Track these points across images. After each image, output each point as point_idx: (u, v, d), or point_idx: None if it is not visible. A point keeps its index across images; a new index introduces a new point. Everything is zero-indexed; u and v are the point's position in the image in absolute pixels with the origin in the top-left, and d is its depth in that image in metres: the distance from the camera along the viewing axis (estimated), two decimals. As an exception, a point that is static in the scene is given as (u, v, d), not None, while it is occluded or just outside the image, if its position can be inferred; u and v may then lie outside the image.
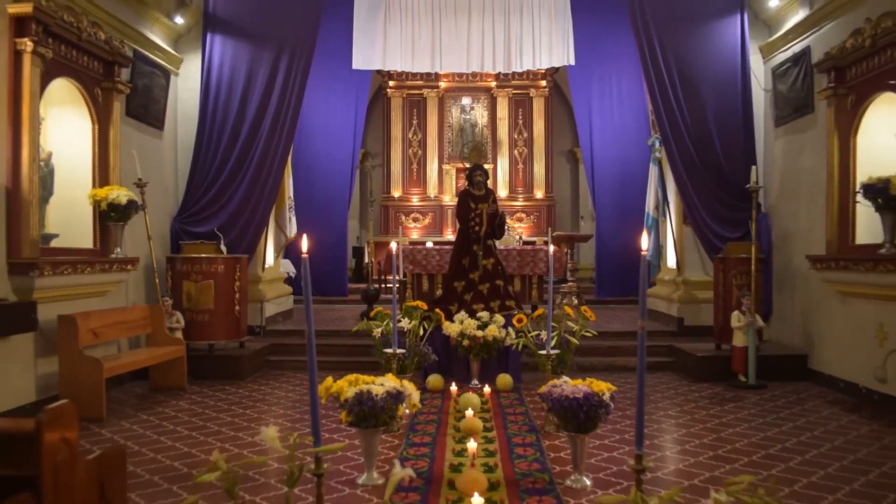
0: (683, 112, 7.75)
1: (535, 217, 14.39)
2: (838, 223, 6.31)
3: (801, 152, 7.28)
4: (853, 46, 6.02)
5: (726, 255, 7.31)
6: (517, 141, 14.73)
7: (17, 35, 5.24)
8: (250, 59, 7.89)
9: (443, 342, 6.55)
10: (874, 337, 5.84)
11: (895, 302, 5.58)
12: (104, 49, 6.19)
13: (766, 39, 8.00)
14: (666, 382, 6.99)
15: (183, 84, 8.18)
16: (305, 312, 2.41)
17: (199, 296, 7.05)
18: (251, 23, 7.95)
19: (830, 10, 6.68)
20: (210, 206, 7.74)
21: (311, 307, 2.44)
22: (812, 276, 6.85)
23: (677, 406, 5.98)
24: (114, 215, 6.23)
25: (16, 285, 5.23)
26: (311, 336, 2.37)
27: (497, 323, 6.44)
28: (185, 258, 7.15)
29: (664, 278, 9.21)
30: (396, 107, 14.55)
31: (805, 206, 7.14)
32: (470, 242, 7.19)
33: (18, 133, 5.23)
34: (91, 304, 6.12)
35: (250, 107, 7.81)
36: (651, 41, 7.86)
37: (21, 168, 5.23)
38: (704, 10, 7.88)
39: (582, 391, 3.74)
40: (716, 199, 7.66)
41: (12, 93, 5.23)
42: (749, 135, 7.77)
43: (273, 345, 7.84)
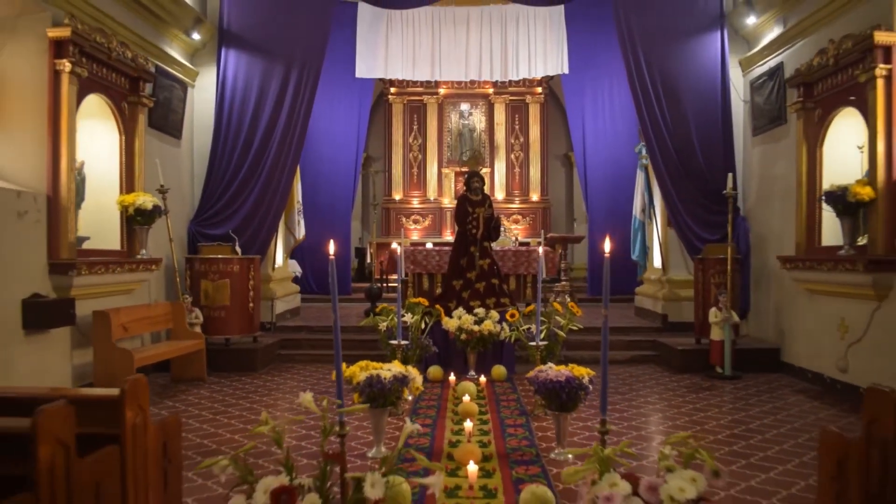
0: (667, 122, 8.29)
1: (530, 219, 14.93)
2: (806, 227, 6.87)
3: (775, 160, 7.82)
4: (819, 64, 6.57)
5: (705, 256, 7.86)
6: (514, 145, 15.28)
7: (56, 56, 5.78)
8: (262, 73, 8.43)
9: (442, 336, 7.09)
10: (837, 331, 6.40)
11: (854, 298, 6.12)
12: (131, 66, 6.73)
13: (745, 54, 8.54)
14: (649, 374, 7.53)
15: (199, 95, 8.71)
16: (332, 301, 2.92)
17: (216, 294, 7.60)
18: (263, 38, 8.48)
19: (801, 29, 7.23)
20: (224, 210, 8.28)
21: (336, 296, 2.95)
22: (783, 276, 7.40)
23: (658, 395, 6.52)
24: (140, 219, 6.77)
25: (55, 283, 5.77)
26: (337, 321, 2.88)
27: (492, 318, 6.98)
28: (203, 259, 7.69)
29: (650, 278, 9.76)
30: (397, 112, 15.09)
31: (778, 211, 7.69)
32: (468, 244, 7.73)
33: (57, 146, 5.77)
34: (118, 301, 6.65)
35: (262, 117, 8.35)
36: (637, 55, 8.40)
37: (60, 177, 5.77)
38: (687, 26, 8.41)
39: (564, 375, 4.28)
40: (697, 203, 8.21)
41: (52, 109, 5.77)
42: (728, 143, 8.32)
43: (283, 339, 8.38)
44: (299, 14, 8.42)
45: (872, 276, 5.71)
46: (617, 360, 8.06)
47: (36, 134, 5.74)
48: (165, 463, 2.96)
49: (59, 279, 5.77)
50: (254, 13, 8.52)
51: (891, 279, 5.68)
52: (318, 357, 8.14)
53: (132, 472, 2.63)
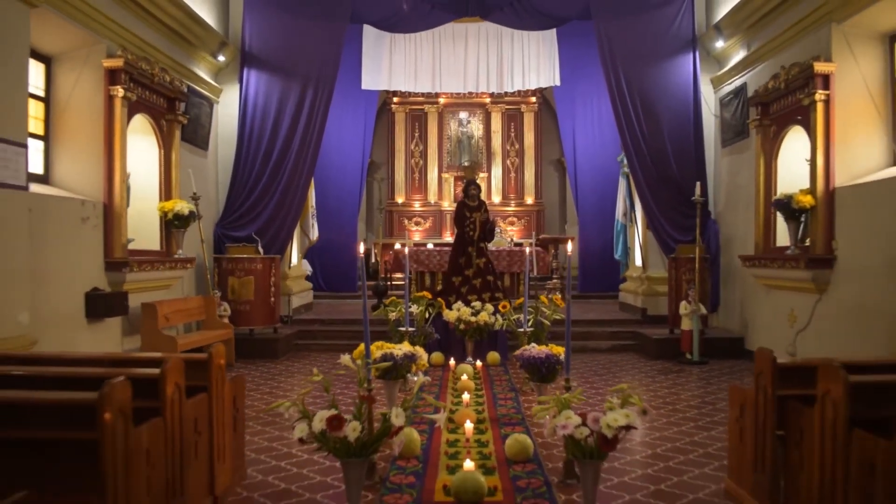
0: (645, 135, 9.22)
1: (525, 221, 15.86)
2: (763, 229, 7.81)
3: (740, 170, 8.76)
4: (773, 87, 7.51)
5: (678, 256, 8.79)
6: (509, 151, 16.20)
7: (110, 83, 6.71)
8: (280, 90, 9.35)
9: (443, 326, 8.01)
10: (787, 320, 7.34)
11: (801, 292, 7.06)
12: (169, 89, 7.66)
13: (715, 73, 9.47)
14: (628, 360, 8.47)
15: (222, 111, 9.64)
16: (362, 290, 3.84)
17: (242, 289, 8.53)
18: (281, 59, 9.39)
19: (760, 54, 8.16)
20: (247, 215, 9.20)
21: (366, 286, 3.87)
22: (746, 273, 8.34)
23: (634, 378, 7.44)
24: (177, 223, 7.70)
25: (110, 279, 6.69)
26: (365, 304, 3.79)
27: (487, 311, 7.90)
28: (230, 258, 8.63)
29: (632, 275, 10.69)
30: (400, 121, 16.02)
31: (742, 215, 8.62)
32: (465, 245, 8.66)
33: (112, 161, 6.70)
34: (158, 295, 7.58)
35: (281, 130, 9.27)
36: (617, 75, 9.32)
37: (114, 188, 6.70)
38: (662, 47, 9.33)
39: (544, 353, 5.22)
40: (671, 208, 9.13)
41: (107, 129, 6.70)
42: (700, 154, 9.25)
43: (300, 331, 9.31)
44: (313, 37, 9.33)
45: (812, 272, 6.66)
46: (600, 349, 8.99)
47: (94, 151, 6.66)
48: (234, 411, 3.90)
49: (113, 275, 6.70)
50: (272, 36, 9.43)
51: (828, 275, 6.62)
52: (330, 346, 9.05)
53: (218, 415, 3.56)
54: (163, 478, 3.02)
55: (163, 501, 3.03)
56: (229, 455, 3.79)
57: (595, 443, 3.26)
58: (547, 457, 4.43)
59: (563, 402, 3.41)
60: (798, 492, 3.24)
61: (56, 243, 5.91)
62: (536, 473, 4.06)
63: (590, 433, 3.26)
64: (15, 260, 5.05)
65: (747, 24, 8.36)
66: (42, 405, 2.82)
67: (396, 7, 9.39)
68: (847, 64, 6.58)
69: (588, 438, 3.28)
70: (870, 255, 6.04)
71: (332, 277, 13.09)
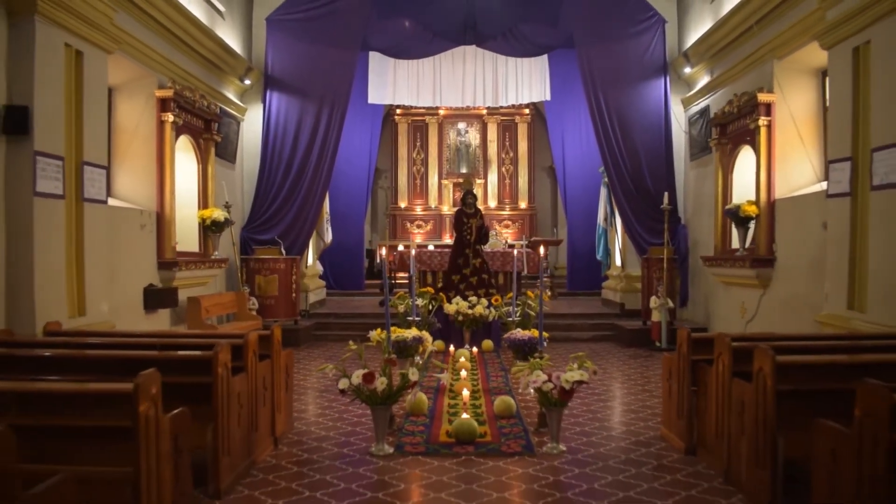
0: (621, 150, 10.41)
1: (519, 224, 17.07)
2: (721, 234, 9.01)
3: (704, 181, 9.96)
4: (728, 111, 8.71)
5: (650, 256, 9.99)
6: (504, 159, 17.41)
7: (161, 110, 7.91)
8: (299, 109, 10.54)
9: (444, 318, 9.20)
10: (739, 312, 8.55)
11: (749, 287, 8.27)
12: (206, 112, 8.86)
13: (685, 94, 10.68)
14: (606, 348, 9.67)
15: (247, 127, 10.83)
16: (383, 285, 5.04)
17: (267, 286, 9.73)
18: (300, 82, 10.58)
19: (721, 81, 9.37)
20: (270, 220, 10.39)
21: (387, 283, 5.05)
22: (707, 272, 9.55)
23: (609, 362, 8.63)
24: (213, 228, 8.89)
25: (162, 277, 7.88)
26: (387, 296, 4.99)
27: (482, 304, 9.10)
28: (257, 258, 9.83)
29: (612, 274, 11.90)
30: (403, 131, 17.22)
31: (706, 221, 9.82)
32: (463, 247, 9.86)
33: (163, 176, 7.89)
34: (197, 291, 8.75)
35: (300, 146, 10.46)
36: (597, 96, 10.51)
37: (165, 199, 7.89)
38: (638, 71, 10.52)
39: (527, 335, 6.42)
40: (645, 214, 10.33)
41: (158, 149, 7.89)
42: (670, 167, 10.45)
43: (317, 323, 10.50)
44: (328, 62, 10.51)
45: (756, 270, 7.87)
46: (582, 339, 10.20)
47: (148, 167, 7.86)
48: (286, 376, 5.10)
49: (164, 273, 7.89)
50: (292, 62, 10.61)
51: (770, 273, 7.84)
52: (344, 336, 10.13)
53: (277, 376, 4.77)
54: (246, 416, 4.23)
55: (245, 433, 4.23)
56: (284, 407, 5.00)
57: (557, 394, 4.47)
58: (526, 415, 5.63)
59: (535, 366, 4.62)
60: (704, 428, 4.46)
61: (121, 246, 7.10)
62: (517, 425, 5.27)
63: (553, 387, 4.47)
64: (99, 260, 6.24)
65: (710, 53, 9.57)
66: (174, 360, 4.02)
67: (401, 37, 10.58)
68: (786, 94, 7.79)
69: (552, 391, 4.49)
70: (800, 256, 7.25)
71: (340, 276, 14.25)
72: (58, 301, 5.63)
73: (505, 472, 4.29)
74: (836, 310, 6.11)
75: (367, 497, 3.90)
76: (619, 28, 10.40)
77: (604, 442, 4.98)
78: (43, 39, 5.49)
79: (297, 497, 3.88)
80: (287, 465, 4.45)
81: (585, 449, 4.77)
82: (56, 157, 5.63)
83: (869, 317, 5.64)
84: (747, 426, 3.84)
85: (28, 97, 5.35)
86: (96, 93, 6.30)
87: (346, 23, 10.31)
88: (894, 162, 5.38)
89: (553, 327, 10.20)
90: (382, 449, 4.58)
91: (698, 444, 4.57)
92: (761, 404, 3.64)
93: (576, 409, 5.85)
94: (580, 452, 4.68)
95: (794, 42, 7.47)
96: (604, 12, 10.32)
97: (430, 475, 4.24)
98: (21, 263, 5.32)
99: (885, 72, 5.54)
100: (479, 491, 3.97)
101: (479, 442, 4.80)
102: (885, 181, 5.47)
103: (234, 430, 4.00)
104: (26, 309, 5.33)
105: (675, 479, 4.17)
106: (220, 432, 3.79)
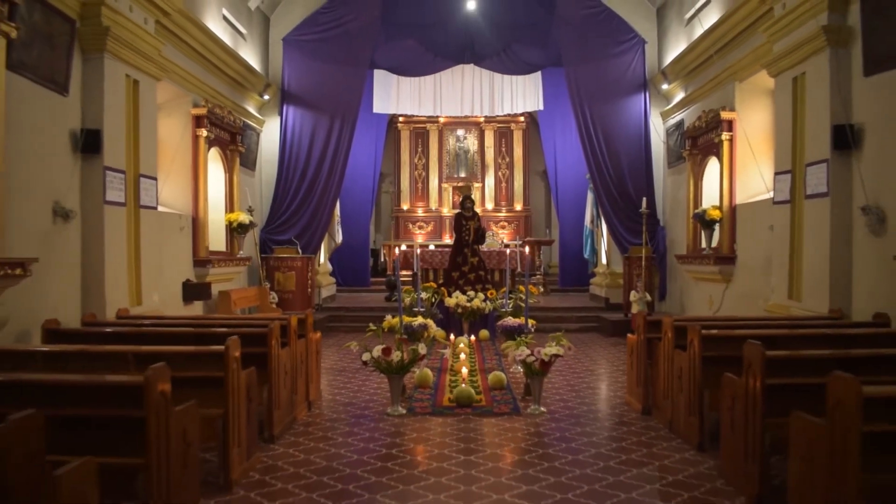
0: (605, 158, 11.49)
1: (514, 225, 18.14)
2: (692, 235, 10.09)
3: (679, 187, 11.04)
4: (698, 126, 9.79)
5: (630, 255, 11.07)
6: (501, 164, 18.48)
7: (196, 127, 8.97)
8: (313, 122, 11.61)
9: (445, 310, 10.26)
10: (707, 304, 9.63)
11: (715, 282, 9.35)
12: (232, 126, 9.92)
13: (664, 108, 11.76)
14: (591, 338, 10.75)
15: (265, 137, 11.90)
16: (395, 280, 6.10)
17: (286, 282, 10.80)
18: (314, 97, 11.65)
19: (693, 98, 10.45)
20: (287, 222, 11.47)
21: (399, 279, 6.12)
22: (681, 269, 10.63)
23: (592, 349, 9.72)
24: (239, 230, 9.95)
25: (197, 273, 8.94)
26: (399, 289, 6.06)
27: (479, 298, 10.16)
28: (276, 257, 10.90)
29: (598, 271, 12.99)
30: (405, 138, 18.29)
31: (680, 223, 10.90)
32: (462, 247, 10.93)
33: (197, 184, 8.96)
34: (224, 286, 9.81)
35: (314, 155, 11.53)
36: (584, 109, 11.59)
37: (199, 204, 8.96)
38: (620, 88, 11.60)
39: (517, 322, 7.49)
40: (626, 217, 11.41)
41: (194, 161, 8.96)
42: (649, 174, 11.53)
43: (329, 316, 11.58)
44: (339, 79, 11.58)
45: (720, 267, 8.95)
46: (570, 329, 11.22)
47: (185, 177, 8.92)
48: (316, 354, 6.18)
49: (199, 270, 8.95)
50: (306, 79, 11.68)
51: (731, 269, 8.92)
52: (354, 328, 11.30)
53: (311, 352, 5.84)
54: (289, 382, 5.30)
55: (289, 395, 5.30)
56: (315, 378, 6.07)
57: (538, 365, 5.55)
58: (514, 387, 6.71)
59: (521, 343, 5.70)
60: (656, 392, 5.54)
61: (165, 247, 8.16)
62: (507, 394, 6.36)
63: (535, 359, 5.55)
64: (150, 259, 7.30)
65: (684, 73, 10.65)
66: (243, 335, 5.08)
67: (406, 57, 11.66)
68: (744, 112, 8.87)
69: (535, 362, 5.57)
70: (755, 255, 8.33)
71: (347, 273, 15.31)
72: (121, 292, 6.70)
73: (496, 427, 5.37)
74: (780, 300, 7.19)
75: (386, 442, 4.98)
76: (603, 48, 11.49)
77: (578, 406, 6.06)
78: (110, 72, 6.55)
79: (332, 443, 4.96)
80: (320, 422, 5.53)
81: (563, 411, 5.86)
82: (119, 171, 6.70)
83: (803, 305, 6.73)
84: (684, 386, 4.92)
85: (99, 121, 6.41)
86: (149, 115, 7.37)
87: (357, 44, 11.39)
88: (822, 175, 6.47)
89: (544, 319, 11.26)
90: (397, 410, 5.66)
91: (652, 405, 5.65)
92: (692, 368, 4.72)
93: (558, 384, 6.94)
94: (558, 413, 5.77)
95: (751, 67, 8.54)
96: (589, 34, 11.41)
97: (436, 429, 5.31)
98: (94, 261, 6.38)
99: (814, 99, 6.62)
100: (476, 439, 5.04)
101: (475, 406, 5.88)
102: (815, 191, 6.56)
103: (282, 391, 5.07)
104: (98, 298, 6.39)
105: (631, 430, 5.26)
106: (273, 391, 4.86)
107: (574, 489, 4.00)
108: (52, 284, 5.89)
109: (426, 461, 4.55)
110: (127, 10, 6.73)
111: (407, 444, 4.97)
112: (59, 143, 6.12)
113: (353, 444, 4.94)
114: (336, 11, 11.54)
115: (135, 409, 3.06)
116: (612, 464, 4.48)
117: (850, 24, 6.28)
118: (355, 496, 3.92)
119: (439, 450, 4.78)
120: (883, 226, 5.77)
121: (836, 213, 6.28)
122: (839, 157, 6.26)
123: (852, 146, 6.11)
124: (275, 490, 4.01)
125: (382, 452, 4.74)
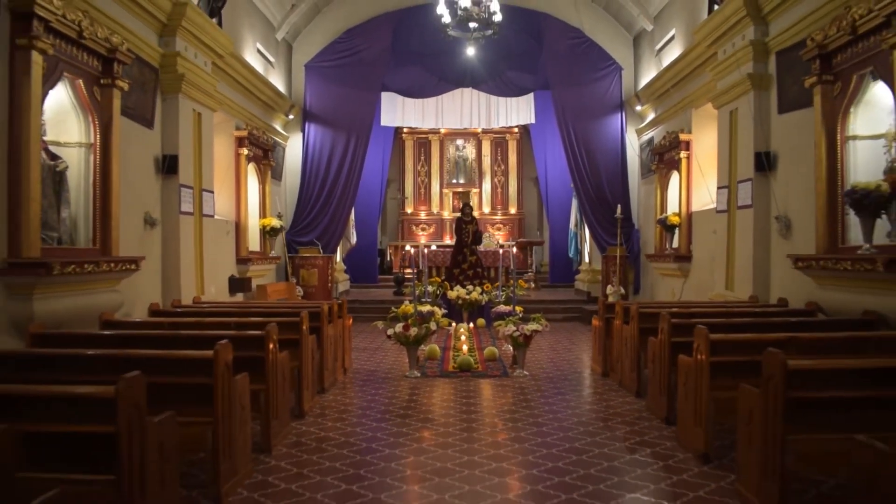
0: (587, 169, 13.17)
1: (509, 227, 19.82)
2: (659, 237, 11.79)
3: (650, 196, 12.74)
4: (663, 144, 11.49)
5: (608, 254, 12.77)
6: (496, 171, 20.17)
7: (238, 146, 10.66)
8: (332, 138, 13.29)
9: (447, 302, 11.95)
10: (671, 296, 11.33)
11: (676, 277, 11.06)
12: (265, 144, 11.60)
13: (638, 125, 13.45)
14: (573, 326, 12.45)
15: (289, 151, 13.57)
16: (412, 275, 7.77)
17: (309, 278, 12.48)
18: (332, 116, 13.32)
19: (660, 119, 12.14)
20: (309, 225, 13.14)
21: (415, 274, 7.79)
22: (651, 266, 12.33)
23: (573, 335, 11.41)
24: (271, 233, 11.63)
25: (239, 269, 10.62)
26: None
27: (477, 292, 11.85)
28: (301, 256, 12.59)
29: (582, 269, 14.69)
30: (409, 147, 19.97)
31: (651, 227, 12.59)
32: (462, 247, 12.63)
33: (240, 195, 10.65)
34: (259, 281, 11.48)
35: (332, 167, 13.20)
36: (568, 127, 13.27)
37: (241, 211, 10.65)
38: (600, 108, 13.28)
39: (507, 309, 9.19)
40: (605, 221, 13.08)
41: (237, 175, 10.64)
42: (625, 184, 13.23)
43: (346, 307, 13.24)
44: (355, 101, 13.25)
45: (678, 264, 10.66)
46: (555, 319, 12.92)
47: (230, 188, 10.60)
48: (349, 332, 7.87)
49: (241, 267, 10.64)
50: (326, 100, 13.36)
51: (688, 266, 10.63)
52: (368, 318, 12.93)
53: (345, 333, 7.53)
54: (332, 351, 6.99)
55: (332, 361, 6.99)
56: (348, 350, 7.76)
57: (522, 339, 7.24)
58: (505, 360, 8.40)
59: (508, 322, 7.40)
60: (612, 359, 7.24)
61: (216, 247, 9.83)
62: (498, 364, 8.06)
63: (520, 334, 7.24)
64: (209, 258, 8.98)
65: (654, 97, 12.35)
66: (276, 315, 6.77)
67: (413, 81, 13.36)
68: (699, 135, 10.57)
69: (519, 336, 7.26)
70: (704, 254, 10.03)
71: (356, 271, 16.99)
72: (191, 284, 8.38)
73: (490, 385, 7.06)
74: (720, 290, 8.89)
75: (407, 394, 6.67)
76: (585, 74, 13.19)
77: (554, 372, 7.76)
78: (183, 109, 8.23)
79: (368, 394, 6.66)
80: (356, 382, 7.22)
81: (542, 375, 7.56)
82: (189, 187, 8.38)
83: (735, 294, 8.43)
84: (628, 352, 6.62)
85: (175, 148, 8.09)
86: (208, 140, 9.05)
87: (369, 70, 13.09)
88: (748, 191, 8.16)
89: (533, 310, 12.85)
90: (413, 374, 7.35)
91: (609, 369, 7.35)
92: (632, 337, 6.42)
93: (541, 359, 8.63)
94: (537, 376, 7.46)
95: (703, 98, 10.23)
96: (573, 62, 13.11)
97: (444, 387, 7.00)
98: (172, 260, 8.05)
99: (743, 129, 8.31)
100: (474, 392, 6.73)
101: (473, 371, 7.57)
102: (743, 203, 8.26)
103: (329, 357, 6.76)
104: (174, 289, 8.07)
105: (592, 387, 6.97)
106: (324, 356, 6.54)
107: (546, 424, 5.69)
108: (143, 277, 7.57)
109: (437, 409, 6.24)
110: (193, 56, 8.41)
111: (422, 398, 6.65)
112: (147, 167, 7.80)
113: (383, 394, 6.64)
114: (352, 41, 13.24)
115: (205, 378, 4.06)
116: (576, 409, 6.17)
117: (769, 73, 7.98)
118: (390, 426, 5.61)
119: (447, 401, 6.46)
120: (789, 231, 7.47)
121: (758, 221, 7.97)
122: (760, 177, 7.96)
123: (768, 168, 7.81)
124: (333, 418, 5.70)
125: (406, 400, 6.43)
